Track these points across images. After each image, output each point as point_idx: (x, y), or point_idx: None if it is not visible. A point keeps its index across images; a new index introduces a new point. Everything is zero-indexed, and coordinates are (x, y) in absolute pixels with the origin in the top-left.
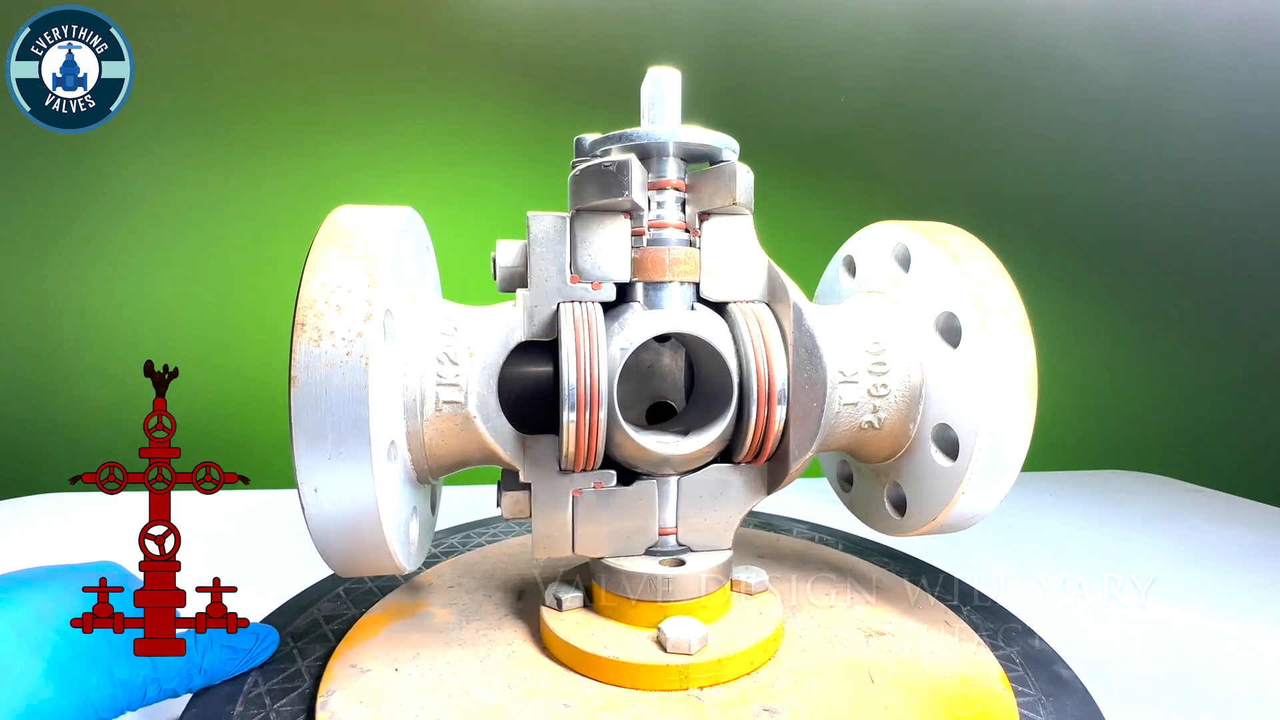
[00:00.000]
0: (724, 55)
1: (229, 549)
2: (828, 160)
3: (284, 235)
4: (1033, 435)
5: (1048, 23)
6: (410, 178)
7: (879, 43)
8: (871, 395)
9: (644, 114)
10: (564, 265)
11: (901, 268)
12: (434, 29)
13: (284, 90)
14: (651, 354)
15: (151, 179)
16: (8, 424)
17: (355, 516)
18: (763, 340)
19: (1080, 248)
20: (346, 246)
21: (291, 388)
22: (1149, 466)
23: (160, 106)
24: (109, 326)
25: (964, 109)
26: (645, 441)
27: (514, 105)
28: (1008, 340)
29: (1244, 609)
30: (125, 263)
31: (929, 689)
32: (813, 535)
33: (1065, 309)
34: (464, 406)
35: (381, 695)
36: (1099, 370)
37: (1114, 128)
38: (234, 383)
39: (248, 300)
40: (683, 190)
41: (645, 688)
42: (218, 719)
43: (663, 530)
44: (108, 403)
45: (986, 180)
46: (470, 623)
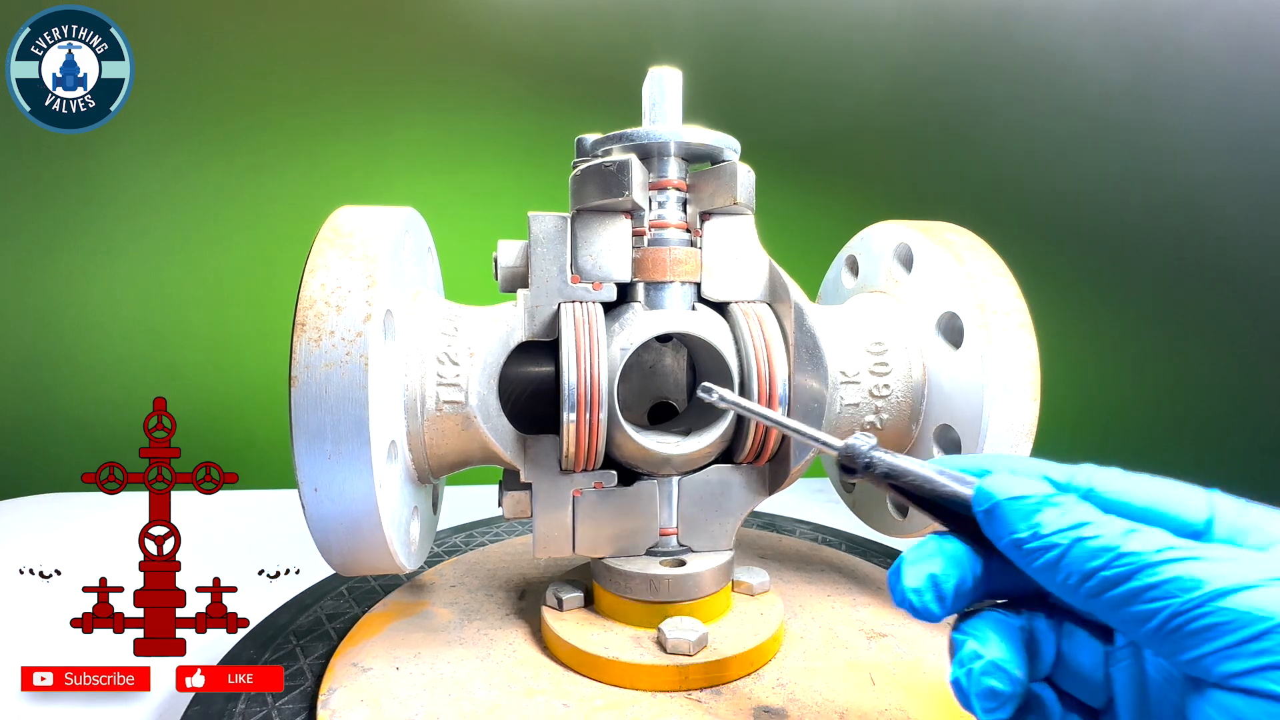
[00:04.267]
0: (725, 55)
1: (229, 549)
2: (830, 160)
3: (284, 235)
4: (1035, 435)
5: (1048, 23)
6: (411, 178)
7: (880, 42)
8: (873, 396)
9: (645, 114)
10: (565, 265)
11: (904, 268)
12: (435, 29)
13: (284, 90)
14: (653, 354)
15: (151, 179)
16: (8, 424)
17: (355, 516)
18: (764, 340)
19: (1082, 248)
20: (347, 247)
21: (291, 388)
22: (1149, 466)
23: (160, 106)
24: (109, 326)
25: (965, 108)
26: (646, 442)
27: (515, 105)
28: (1010, 340)
29: None
30: (125, 262)
31: (930, 691)
32: (815, 536)
33: (1067, 309)
34: (465, 406)
35: (382, 694)
36: (1100, 370)
37: (1115, 127)
38: (234, 383)
39: (248, 300)
40: (684, 190)
41: (645, 688)
42: (220, 716)
43: (663, 531)
44: (108, 403)
45: (989, 180)
46: (471, 622)
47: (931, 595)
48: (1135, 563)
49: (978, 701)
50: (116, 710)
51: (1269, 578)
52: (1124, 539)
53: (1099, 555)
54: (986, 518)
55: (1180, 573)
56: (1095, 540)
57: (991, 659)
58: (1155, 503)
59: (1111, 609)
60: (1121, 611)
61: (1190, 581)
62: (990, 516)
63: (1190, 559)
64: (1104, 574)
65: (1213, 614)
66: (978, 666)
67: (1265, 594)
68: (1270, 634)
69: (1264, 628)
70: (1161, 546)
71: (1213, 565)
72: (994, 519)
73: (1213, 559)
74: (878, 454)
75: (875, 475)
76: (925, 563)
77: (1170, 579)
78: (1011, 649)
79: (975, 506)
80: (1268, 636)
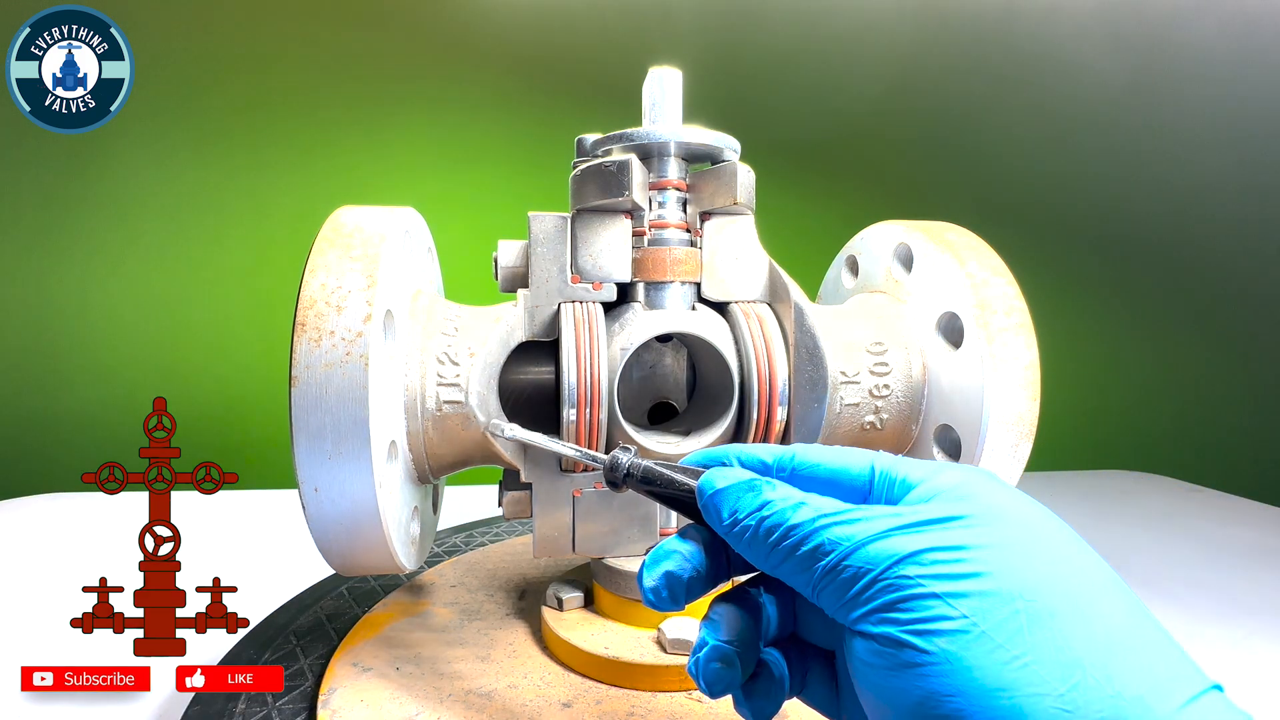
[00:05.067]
0: (725, 55)
1: (229, 549)
2: (830, 160)
3: (284, 235)
4: (1035, 435)
5: (1047, 23)
6: (411, 178)
7: (880, 42)
8: (873, 396)
9: (645, 114)
10: (565, 265)
11: (904, 268)
12: (435, 29)
13: (285, 90)
14: (653, 354)
15: (152, 179)
16: (8, 424)
17: (355, 516)
18: (764, 340)
19: (1082, 248)
20: (347, 247)
21: (291, 388)
22: (1149, 466)
23: (160, 106)
24: (109, 326)
25: (966, 108)
26: (646, 441)
27: (515, 105)
28: (1010, 341)
29: (1244, 609)
30: (125, 262)
31: None
32: None
33: (1067, 309)
34: (465, 406)
35: (382, 694)
36: (1100, 370)
37: (1115, 127)
38: (234, 383)
39: (248, 300)
40: (684, 190)
41: (645, 688)
42: (220, 717)
43: (663, 531)
44: (108, 403)
45: (989, 180)
46: (471, 622)
47: (666, 593)
48: (799, 532)
49: (705, 686)
50: (116, 710)
51: (883, 530)
52: (792, 512)
53: (775, 530)
54: (705, 511)
55: (829, 536)
56: (771, 517)
57: (714, 644)
58: (837, 468)
59: (790, 575)
60: (797, 577)
61: (833, 542)
62: (707, 509)
63: (837, 524)
64: (781, 545)
65: (845, 570)
66: (704, 654)
67: (877, 546)
68: (875, 583)
69: (870, 578)
70: (817, 515)
71: (851, 526)
72: (709, 510)
73: (853, 520)
74: (636, 461)
75: (635, 482)
76: (663, 562)
77: (821, 542)
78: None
79: (699, 500)
80: (873, 585)
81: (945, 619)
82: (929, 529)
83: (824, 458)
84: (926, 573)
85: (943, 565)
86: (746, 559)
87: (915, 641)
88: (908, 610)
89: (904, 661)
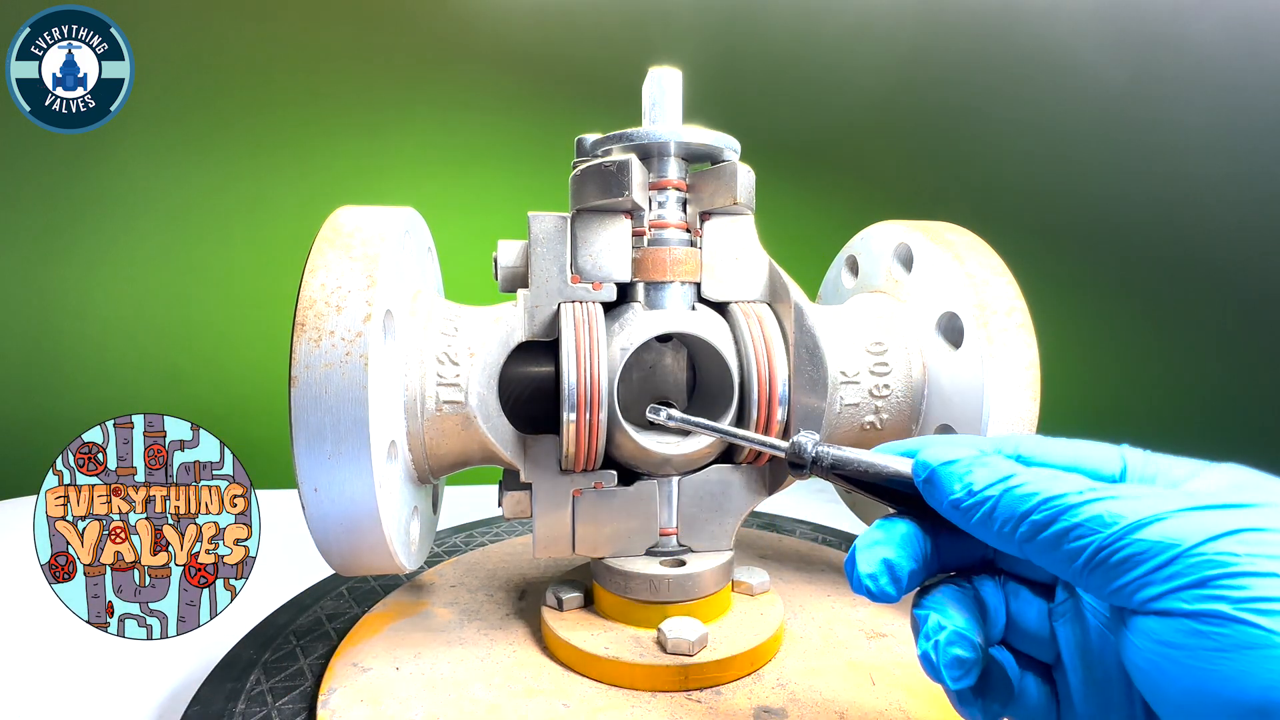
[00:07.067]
0: (725, 55)
1: None
2: (830, 160)
3: (284, 235)
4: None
5: (1048, 23)
6: (411, 178)
7: (880, 42)
8: (873, 396)
9: (645, 114)
10: (565, 265)
11: (904, 267)
12: (435, 29)
13: (285, 90)
14: (653, 354)
15: (152, 179)
16: (8, 424)
17: (355, 516)
18: (764, 340)
19: (1082, 247)
20: (347, 246)
21: (291, 388)
22: None
23: (160, 106)
24: (109, 326)
25: (965, 108)
26: (646, 442)
27: (515, 105)
28: (1010, 340)
29: None
30: (125, 262)
31: (930, 691)
32: (815, 536)
33: (1067, 309)
34: (464, 406)
35: (382, 694)
36: (1100, 369)
37: (1114, 126)
38: (234, 383)
39: (248, 300)
40: (684, 190)
41: (645, 688)
42: (220, 717)
43: (663, 531)
44: (108, 403)
45: (989, 180)
46: (471, 622)
47: (887, 578)
48: (1059, 505)
49: (946, 672)
50: (117, 710)
51: (1175, 509)
52: (1048, 484)
53: (1026, 500)
54: (927, 486)
55: (1100, 511)
56: (1022, 488)
57: (954, 629)
58: (1074, 459)
59: (1043, 551)
60: (1053, 553)
61: (1110, 518)
62: (929, 484)
63: (1108, 498)
64: (1033, 518)
65: (1130, 545)
66: (943, 638)
67: (1173, 524)
68: (1179, 559)
69: (1173, 554)
70: (1082, 489)
71: (1128, 502)
72: (933, 485)
73: (1128, 496)
74: (822, 448)
75: (823, 469)
76: (877, 548)
77: (1092, 516)
78: (969, 617)
79: (916, 477)
80: (1177, 561)
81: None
82: (1238, 510)
83: (1056, 448)
84: (1253, 551)
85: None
86: (980, 537)
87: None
88: (1238, 587)
89: (1238, 642)
